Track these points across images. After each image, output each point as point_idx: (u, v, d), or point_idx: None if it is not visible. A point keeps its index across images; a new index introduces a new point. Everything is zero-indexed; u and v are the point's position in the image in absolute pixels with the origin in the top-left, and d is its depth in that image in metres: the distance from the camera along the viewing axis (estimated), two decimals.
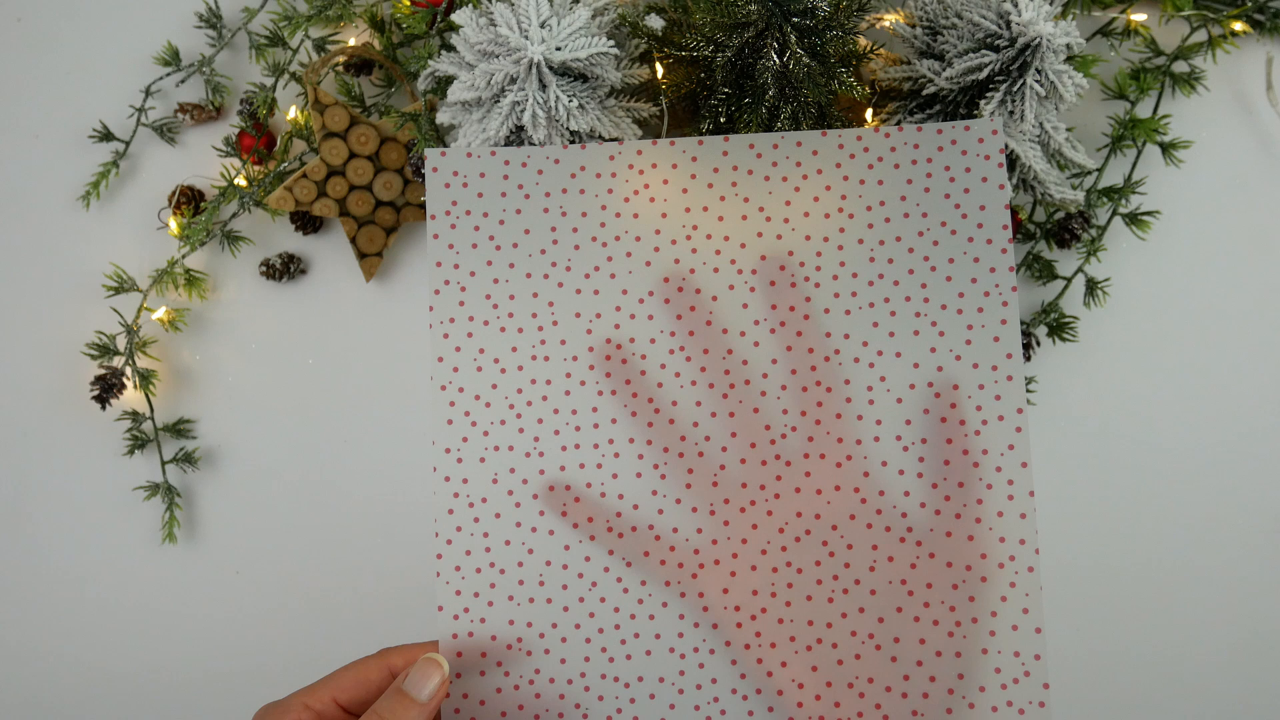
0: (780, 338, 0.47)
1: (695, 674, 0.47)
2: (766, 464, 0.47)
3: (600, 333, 0.47)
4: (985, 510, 0.46)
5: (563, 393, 0.47)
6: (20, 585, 0.64)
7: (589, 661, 0.46)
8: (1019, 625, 0.45)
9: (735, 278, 0.47)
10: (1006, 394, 0.46)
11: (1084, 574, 0.63)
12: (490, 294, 0.47)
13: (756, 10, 0.45)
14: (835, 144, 0.46)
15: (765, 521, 0.47)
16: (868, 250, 0.46)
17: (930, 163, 0.46)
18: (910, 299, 0.46)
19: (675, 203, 0.47)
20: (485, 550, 0.46)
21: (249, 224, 0.60)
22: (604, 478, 0.47)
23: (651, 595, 0.47)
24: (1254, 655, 0.63)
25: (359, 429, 0.62)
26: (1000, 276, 0.46)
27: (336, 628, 0.63)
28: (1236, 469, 0.62)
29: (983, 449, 0.46)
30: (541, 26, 0.45)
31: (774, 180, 0.47)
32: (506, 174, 0.47)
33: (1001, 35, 0.45)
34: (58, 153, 0.61)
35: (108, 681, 0.65)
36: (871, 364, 0.47)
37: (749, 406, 0.47)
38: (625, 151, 0.47)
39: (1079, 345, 0.60)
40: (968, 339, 0.46)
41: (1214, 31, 0.55)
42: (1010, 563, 0.45)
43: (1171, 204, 0.58)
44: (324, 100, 0.55)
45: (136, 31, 0.59)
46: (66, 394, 0.62)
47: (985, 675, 0.45)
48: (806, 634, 0.47)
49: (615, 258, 0.47)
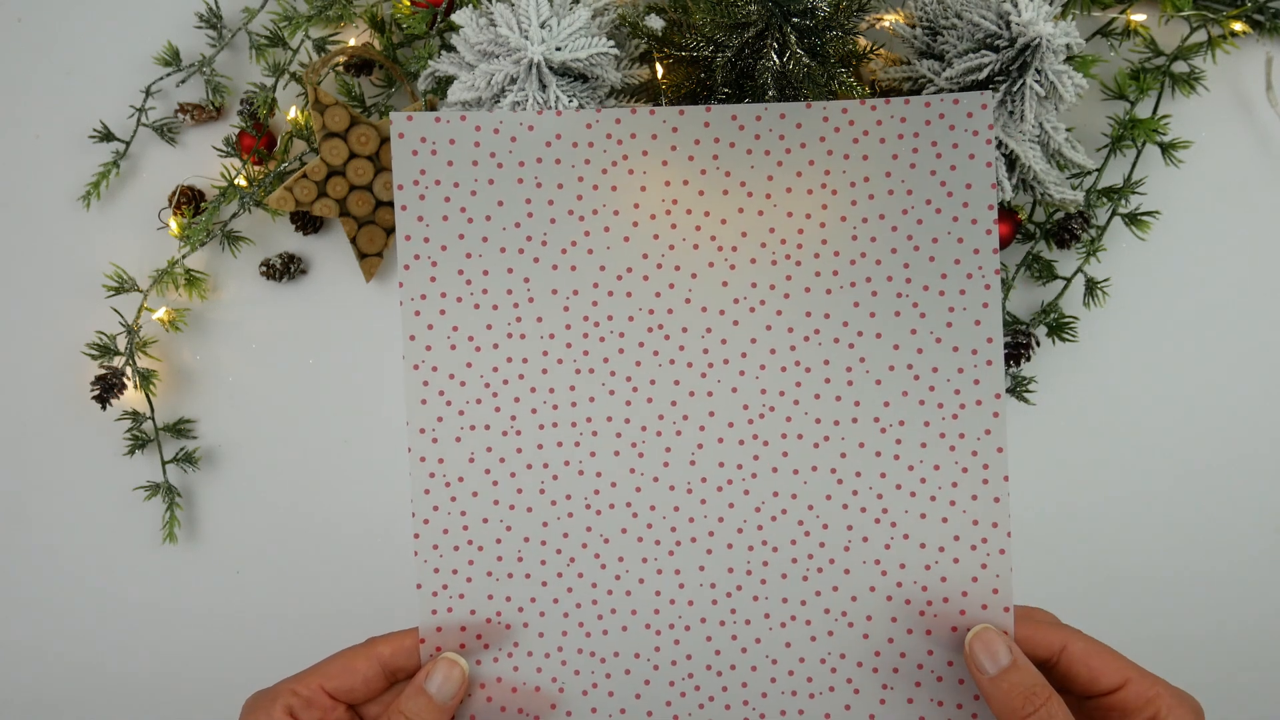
0: (760, 316, 0.46)
1: (670, 650, 0.47)
2: (744, 443, 0.47)
3: (578, 310, 0.47)
4: (960, 493, 0.46)
5: (539, 370, 0.47)
6: (21, 584, 0.64)
7: (566, 636, 0.47)
8: (988, 605, 0.46)
9: (715, 255, 0.46)
10: (985, 378, 0.45)
11: (1083, 573, 0.63)
12: (463, 269, 0.46)
13: (756, 10, 0.45)
14: (820, 116, 0.45)
15: (742, 500, 0.47)
16: (850, 228, 0.46)
17: (917, 138, 0.45)
18: (892, 279, 0.46)
19: (655, 175, 0.46)
20: (463, 529, 0.46)
21: (249, 224, 0.60)
22: (582, 455, 0.47)
23: (629, 571, 0.47)
24: (1254, 654, 0.63)
25: (359, 429, 0.62)
26: (984, 258, 0.45)
27: (336, 626, 0.63)
28: (1236, 468, 0.62)
29: (959, 433, 0.46)
30: (541, 27, 0.45)
31: (756, 154, 0.46)
32: (478, 140, 0.45)
33: (1001, 35, 0.45)
34: (58, 153, 0.61)
35: (107, 679, 0.65)
36: (851, 344, 0.46)
37: (727, 386, 0.47)
38: (603, 120, 0.46)
39: (1079, 345, 0.60)
40: (949, 321, 0.46)
41: (1214, 32, 0.55)
42: (982, 545, 0.46)
43: (1171, 204, 0.58)
44: (324, 100, 0.55)
45: (136, 31, 0.59)
46: (67, 394, 0.62)
47: (953, 651, 0.46)
48: (781, 611, 0.47)
49: (593, 232, 0.46)
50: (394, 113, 0.45)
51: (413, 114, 0.45)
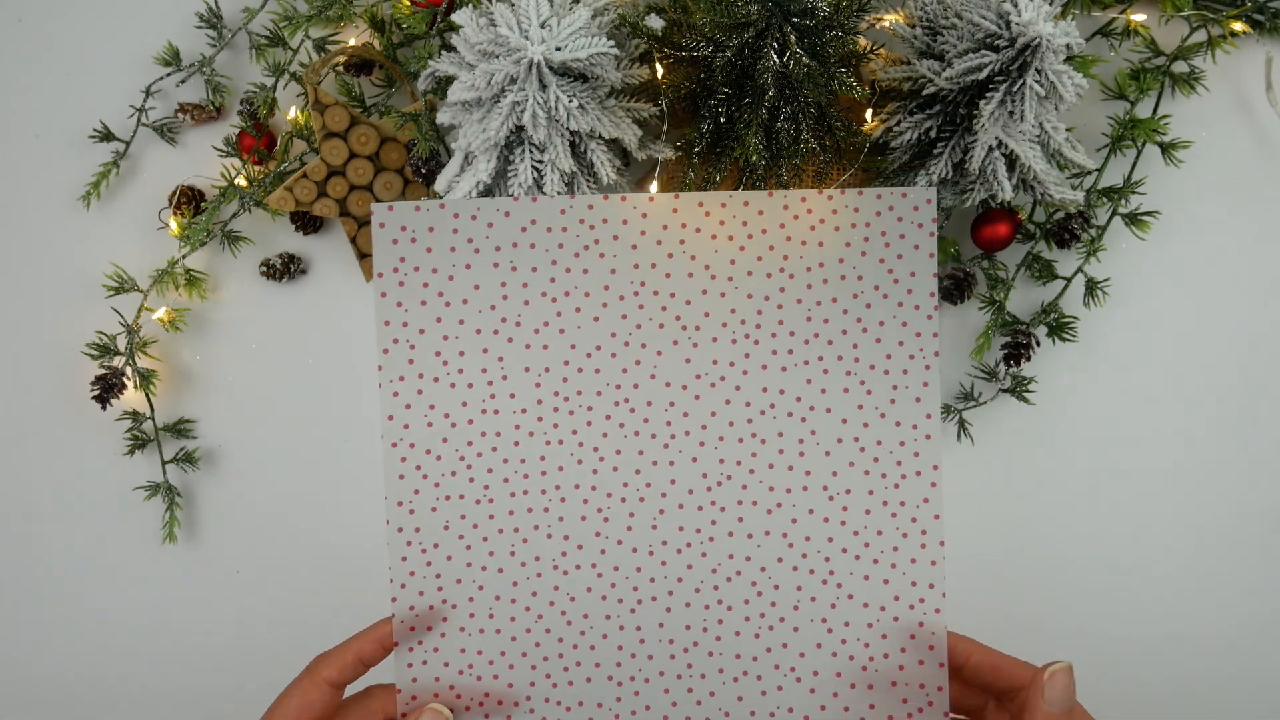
0: (720, 391, 0.50)
1: (630, 700, 0.51)
2: (702, 509, 0.51)
3: (549, 386, 0.50)
4: (900, 557, 0.50)
5: (512, 443, 0.50)
6: (21, 584, 0.64)
7: (534, 686, 0.51)
8: (925, 660, 0.50)
9: (680, 333, 0.50)
10: (925, 451, 0.50)
11: (1083, 572, 0.63)
12: (440, 350, 0.49)
13: (756, 10, 0.45)
14: (780, 204, 0.49)
15: (699, 562, 0.51)
16: (805, 310, 0.49)
17: (868, 227, 0.49)
18: (842, 358, 0.50)
19: (625, 259, 0.49)
20: (437, 589, 0.50)
21: (249, 224, 0.60)
22: (550, 520, 0.51)
23: (593, 628, 0.51)
24: (1254, 653, 0.63)
25: (358, 429, 0.62)
26: (925, 341, 0.49)
27: (336, 626, 0.63)
28: (1236, 468, 0.62)
29: (900, 501, 0.50)
30: (541, 27, 0.45)
31: (720, 239, 0.49)
32: (456, 227, 0.48)
33: (1001, 35, 0.45)
34: (58, 153, 0.61)
35: (107, 679, 0.65)
36: (803, 418, 0.50)
37: (688, 456, 0.51)
38: (577, 206, 0.49)
39: (1079, 345, 0.60)
40: (892, 398, 0.50)
41: (1214, 32, 0.55)
42: (920, 604, 0.50)
43: (1171, 204, 0.58)
44: (324, 100, 0.55)
45: (136, 31, 0.59)
46: (67, 394, 0.62)
47: (893, 705, 0.50)
48: (734, 666, 0.52)
49: (564, 313, 0.50)
50: (375, 203, 0.48)
51: (394, 204, 0.47)
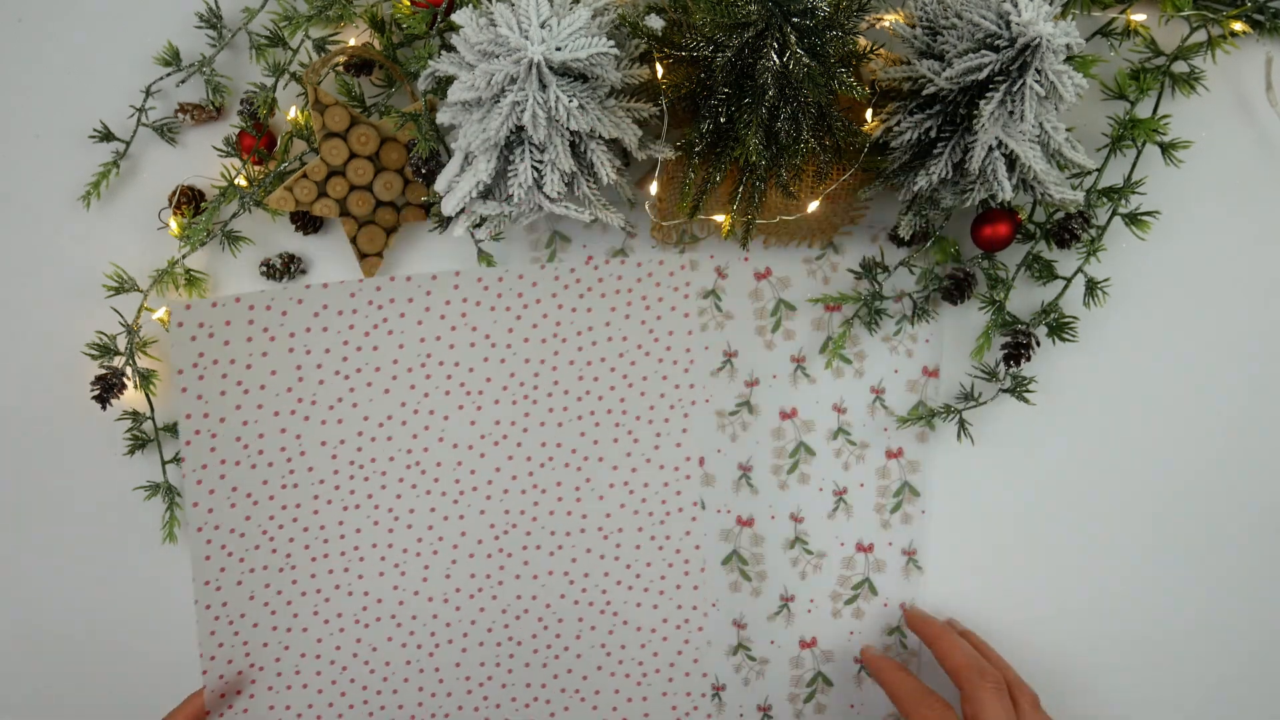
0: (503, 448, 0.55)
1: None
2: (491, 556, 0.56)
3: (344, 456, 0.54)
4: (667, 584, 0.56)
5: (311, 512, 0.54)
6: (21, 584, 0.64)
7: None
8: (690, 672, 0.57)
9: (465, 398, 0.54)
10: (685, 490, 0.55)
11: (1082, 572, 0.63)
12: (240, 436, 0.52)
13: (756, 10, 0.45)
14: (552, 276, 0.53)
15: (490, 604, 0.56)
16: (577, 370, 0.54)
17: (630, 293, 0.53)
18: (611, 411, 0.55)
19: (411, 334, 0.53)
20: (245, 655, 0.54)
21: (249, 224, 0.60)
22: (350, 579, 0.55)
23: (395, 674, 0.56)
24: (1253, 653, 0.63)
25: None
26: (683, 392, 0.54)
27: None
28: (1236, 468, 0.62)
29: (666, 535, 0.56)
30: (541, 26, 0.45)
31: (499, 310, 0.53)
32: (252, 319, 0.51)
33: (1001, 35, 0.45)
34: (58, 153, 0.60)
35: (107, 678, 0.65)
36: (579, 468, 0.55)
37: (476, 509, 0.55)
38: (365, 289, 0.52)
39: (1079, 345, 0.60)
40: (656, 445, 0.55)
41: (1214, 32, 0.55)
42: (685, 624, 0.56)
43: (1171, 204, 0.58)
44: (324, 100, 0.55)
45: (136, 31, 0.59)
46: (66, 394, 0.62)
47: (663, 713, 0.57)
48: (525, 694, 0.57)
49: (357, 388, 0.53)
50: (172, 301, 0.51)
51: (190, 302, 0.50)
